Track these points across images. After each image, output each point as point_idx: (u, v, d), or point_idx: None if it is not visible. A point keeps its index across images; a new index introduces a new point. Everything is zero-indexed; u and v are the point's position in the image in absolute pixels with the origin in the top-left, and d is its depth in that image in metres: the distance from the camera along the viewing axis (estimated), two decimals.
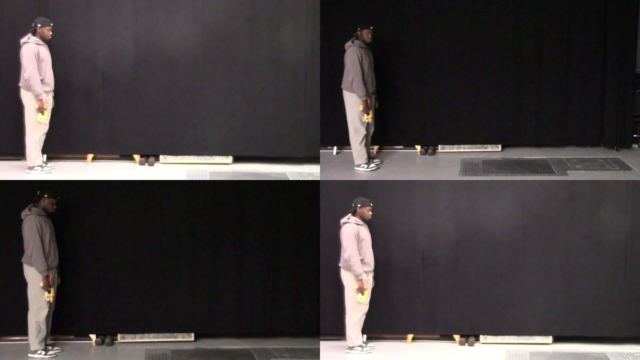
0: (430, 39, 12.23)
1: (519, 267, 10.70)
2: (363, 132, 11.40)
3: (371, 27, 11.33)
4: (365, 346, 10.46)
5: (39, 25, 10.65)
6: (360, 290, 10.16)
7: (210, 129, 11.60)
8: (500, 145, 12.55)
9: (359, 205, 10.23)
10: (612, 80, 12.33)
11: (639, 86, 12.49)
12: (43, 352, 10.22)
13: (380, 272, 10.62)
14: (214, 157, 11.66)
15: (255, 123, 11.64)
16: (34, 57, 10.56)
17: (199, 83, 11.50)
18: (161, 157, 11.62)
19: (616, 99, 12.35)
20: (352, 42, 11.28)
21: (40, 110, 10.64)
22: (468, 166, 11.81)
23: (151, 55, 11.43)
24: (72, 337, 10.85)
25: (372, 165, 11.59)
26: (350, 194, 10.64)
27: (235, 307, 11.04)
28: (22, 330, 10.31)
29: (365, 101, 11.26)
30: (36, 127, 10.75)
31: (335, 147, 12.39)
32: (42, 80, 10.60)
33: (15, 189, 10.52)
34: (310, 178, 11.16)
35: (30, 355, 10.22)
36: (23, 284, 10.16)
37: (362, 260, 10.15)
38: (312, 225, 10.80)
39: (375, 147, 12.39)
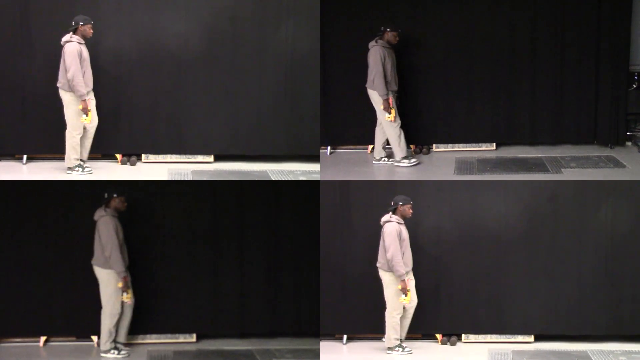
0: (424, 38, 12.32)
1: (502, 267, 10.84)
2: (398, 125, 11.63)
3: (399, 30, 11.50)
4: (405, 347, 10.55)
5: (81, 24, 10.51)
6: (404, 291, 10.21)
7: (192, 128, 11.65)
8: (494, 144, 12.64)
9: (401, 203, 10.28)
10: (606, 78, 12.40)
11: (633, 84, 12.53)
12: (116, 352, 10.33)
13: (364, 272, 10.85)
14: (195, 156, 11.76)
15: (237, 122, 11.71)
16: (77, 56, 10.44)
17: (182, 82, 11.52)
18: (143, 156, 11.66)
19: (610, 97, 12.42)
20: (376, 41, 11.46)
21: (85, 111, 10.53)
22: (463, 165, 11.91)
23: (133, 54, 11.39)
24: (74, 338, 10.91)
25: (413, 160, 11.79)
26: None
27: (236, 308, 11.10)
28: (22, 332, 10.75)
29: (386, 100, 11.43)
30: (77, 128, 10.69)
31: (329, 147, 12.55)
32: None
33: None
34: (291, 176, 11.26)
35: (103, 355, 10.34)
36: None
37: None
38: (312, 225, 10.92)
39: (370, 147, 12.55)
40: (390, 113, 11.48)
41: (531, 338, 10.88)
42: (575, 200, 10.82)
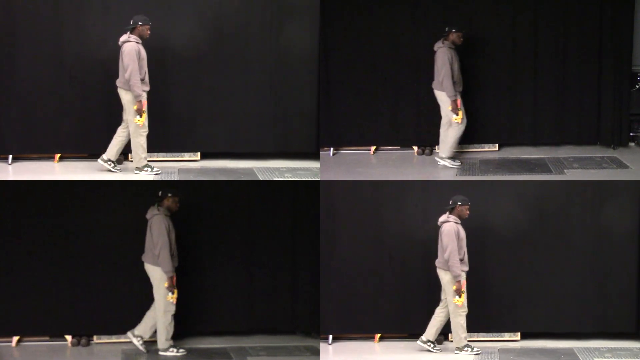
0: (426, 38, 12.26)
1: (488, 265, 10.90)
2: (464, 124, 11.69)
3: (463, 31, 11.59)
4: (474, 347, 10.59)
5: (140, 24, 10.51)
6: (458, 292, 10.29)
7: (179, 126, 11.60)
8: (497, 145, 12.63)
9: (459, 203, 10.36)
10: (608, 78, 12.35)
11: (635, 84, 12.47)
12: (174, 350, 10.38)
13: (352, 271, 11.04)
14: (182, 154, 11.71)
15: (223, 119, 11.73)
16: (136, 56, 10.42)
17: (167, 80, 11.42)
18: (130, 155, 11.25)
19: (612, 98, 12.37)
20: (442, 42, 11.54)
21: (139, 112, 10.55)
22: (465, 166, 11.94)
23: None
24: (47, 338, 10.82)
25: (457, 161, 11.83)
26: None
27: (211, 306, 11.08)
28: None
29: (454, 101, 11.53)
30: (143, 127, 10.70)
31: (332, 148, 12.60)
32: (142, 80, 10.54)
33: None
34: (277, 173, 11.30)
35: (162, 353, 10.38)
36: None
37: (461, 260, 10.31)
38: (291, 222, 11.15)
39: (373, 148, 12.66)
40: (457, 114, 11.55)
41: (517, 336, 10.93)
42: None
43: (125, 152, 11.39)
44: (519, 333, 10.95)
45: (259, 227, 11.19)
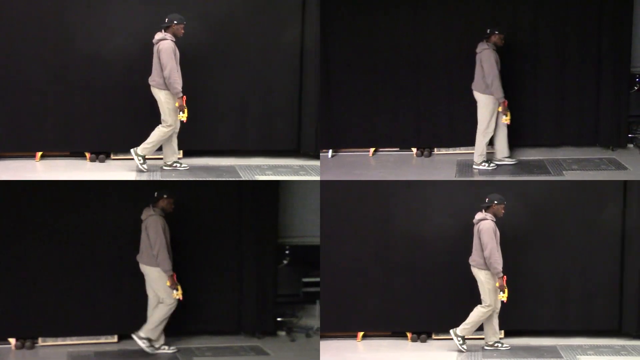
0: (426, 40, 12.42)
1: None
2: (490, 133, 11.68)
3: (505, 33, 11.61)
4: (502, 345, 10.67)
5: (175, 22, 10.60)
6: (502, 288, 10.27)
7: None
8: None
9: (496, 202, 10.37)
10: (607, 80, 12.33)
11: (634, 86, 12.42)
12: (147, 342, 10.37)
13: (335, 269, 11.11)
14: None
15: (205, 117, 11.72)
16: (173, 54, 10.50)
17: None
18: (112, 154, 11.55)
19: (611, 99, 12.34)
20: (486, 44, 11.53)
21: (181, 108, 10.57)
22: (464, 167, 11.96)
23: (103, 51, 11.23)
24: None
25: (492, 164, 11.81)
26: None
27: None
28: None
29: (504, 102, 11.50)
30: (171, 125, 10.74)
31: (330, 150, 12.66)
32: None
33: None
34: (258, 171, 11.31)
35: (135, 337, 10.38)
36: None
37: None
38: (233, 222, 11.18)
39: (372, 150, 12.73)
40: (506, 115, 11.53)
41: (501, 334, 10.86)
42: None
43: (107, 151, 11.58)
44: (503, 331, 10.88)
45: (205, 227, 11.22)
